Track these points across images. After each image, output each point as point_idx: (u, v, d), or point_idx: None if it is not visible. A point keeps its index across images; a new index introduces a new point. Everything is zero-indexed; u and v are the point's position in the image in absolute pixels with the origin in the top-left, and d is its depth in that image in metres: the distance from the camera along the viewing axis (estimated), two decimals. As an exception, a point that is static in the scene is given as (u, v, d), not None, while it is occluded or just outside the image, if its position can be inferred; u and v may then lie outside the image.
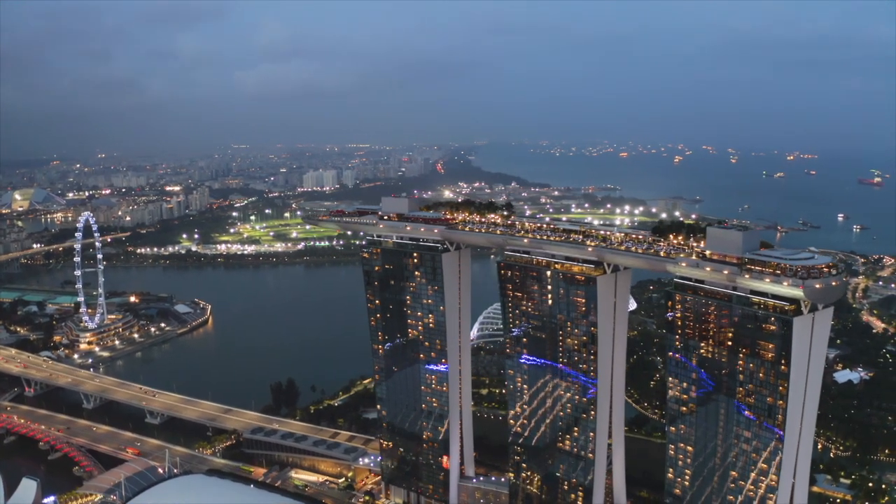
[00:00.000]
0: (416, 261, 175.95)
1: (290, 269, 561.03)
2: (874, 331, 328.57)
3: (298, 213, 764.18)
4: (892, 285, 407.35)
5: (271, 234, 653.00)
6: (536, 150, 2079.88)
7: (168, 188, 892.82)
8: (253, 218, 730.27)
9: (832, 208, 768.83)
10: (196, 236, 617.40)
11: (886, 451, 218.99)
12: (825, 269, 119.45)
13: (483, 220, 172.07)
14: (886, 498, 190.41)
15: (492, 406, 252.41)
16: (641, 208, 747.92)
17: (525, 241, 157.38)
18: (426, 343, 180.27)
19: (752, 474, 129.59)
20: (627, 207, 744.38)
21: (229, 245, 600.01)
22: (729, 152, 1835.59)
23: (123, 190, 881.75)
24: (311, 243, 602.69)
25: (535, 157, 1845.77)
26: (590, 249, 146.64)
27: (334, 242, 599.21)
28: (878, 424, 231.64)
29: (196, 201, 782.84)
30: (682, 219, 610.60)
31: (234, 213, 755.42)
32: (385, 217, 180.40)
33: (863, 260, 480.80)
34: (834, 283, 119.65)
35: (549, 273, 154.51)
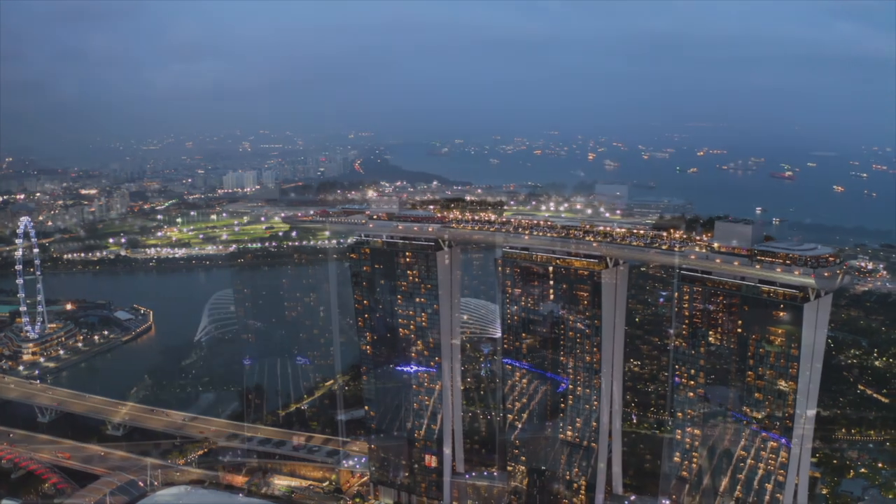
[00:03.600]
0: (408, 259, 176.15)
1: (224, 272, 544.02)
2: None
3: (225, 214, 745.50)
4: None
5: (200, 236, 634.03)
6: (452, 149, 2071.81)
7: (84, 192, 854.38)
8: (179, 221, 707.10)
9: (749, 202, 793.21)
10: (123, 241, 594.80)
11: (843, 430, 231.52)
12: (830, 259, 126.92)
13: (475, 217, 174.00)
14: (852, 472, 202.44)
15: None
16: (566, 205, 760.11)
17: (526, 237, 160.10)
18: (418, 342, 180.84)
19: (763, 453, 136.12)
20: (553, 205, 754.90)
21: (159, 249, 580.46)
22: (640, 149, 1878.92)
23: (38, 195, 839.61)
24: (243, 245, 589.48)
25: (451, 155, 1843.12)
26: (595, 245, 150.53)
27: (267, 244, 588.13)
28: (832, 405, 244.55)
29: (117, 205, 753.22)
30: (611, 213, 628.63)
31: (159, 217, 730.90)
32: (375, 217, 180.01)
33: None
34: (838, 272, 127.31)
35: (551, 269, 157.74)
